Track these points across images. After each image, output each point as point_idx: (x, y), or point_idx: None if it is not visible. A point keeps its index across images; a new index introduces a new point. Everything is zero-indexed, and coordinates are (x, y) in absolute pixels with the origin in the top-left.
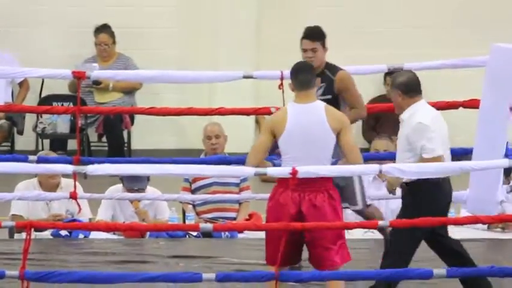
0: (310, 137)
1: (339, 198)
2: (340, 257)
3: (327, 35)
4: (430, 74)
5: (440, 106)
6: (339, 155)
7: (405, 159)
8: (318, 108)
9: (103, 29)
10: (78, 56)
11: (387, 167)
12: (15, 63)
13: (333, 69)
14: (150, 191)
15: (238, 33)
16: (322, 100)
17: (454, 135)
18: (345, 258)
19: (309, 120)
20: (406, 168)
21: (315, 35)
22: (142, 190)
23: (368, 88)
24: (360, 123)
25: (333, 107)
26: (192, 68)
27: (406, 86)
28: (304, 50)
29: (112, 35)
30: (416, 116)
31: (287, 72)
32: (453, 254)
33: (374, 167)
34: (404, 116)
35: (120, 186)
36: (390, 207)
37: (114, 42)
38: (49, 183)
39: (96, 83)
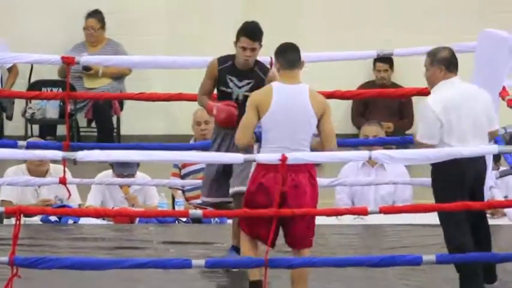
0: (293, 118)
1: (315, 176)
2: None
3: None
4: (419, 60)
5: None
6: None
7: None
8: (303, 90)
9: (93, 14)
10: (69, 41)
11: (376, 153)
12: (6, 49)
13: (263, 68)
14: (140, 176)
15: (227, 19)
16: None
17: None
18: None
19: (293, 101)
20: (395, 154)
21: (256, 34)
22: (132, 176)
23: (357, 74)
24: (349, 109)
25: None
26: (180, 54)
27: (450, 62)
28: (244, 49)
29: (101, 20)
30: (433, 95)
31: None
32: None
33: (364, 153)
34: (431, 91)
35: (109, 171)
36: (380, 193)
37: (102, 28)
38: (37, 171)
39: (86, 69)
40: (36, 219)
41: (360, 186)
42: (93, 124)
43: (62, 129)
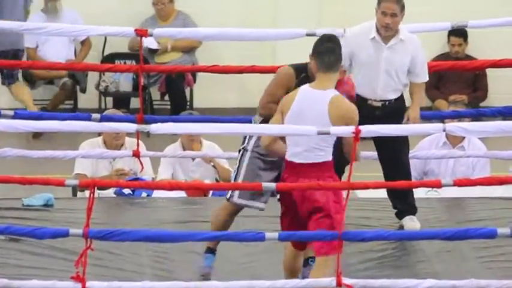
0: (305, 124)
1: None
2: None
3: None
4: (495, 31)
5: (505, 64)
6: None
7: None
8: (324, 97)
9: None
10: (138, 15)
11: (451, 125)
12: (79, 21)
13: None
14: (207, 145)
15: None
16: None
17: None
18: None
19: (309, 107)
20: (470, 127)
21: None
22: None
23: (431, 46)
24: None
25: None
26: (252, 26)
27: None
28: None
29: None
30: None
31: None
32: None
33: (438, 126)
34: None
35: (177, 144)
36: (456, 176)
37: (171, 1)
38: (113, 144)
39: (152, 51)
40: (110, 192)
41: (435, 168)
42: (167, 97)
43: (135, 102)
